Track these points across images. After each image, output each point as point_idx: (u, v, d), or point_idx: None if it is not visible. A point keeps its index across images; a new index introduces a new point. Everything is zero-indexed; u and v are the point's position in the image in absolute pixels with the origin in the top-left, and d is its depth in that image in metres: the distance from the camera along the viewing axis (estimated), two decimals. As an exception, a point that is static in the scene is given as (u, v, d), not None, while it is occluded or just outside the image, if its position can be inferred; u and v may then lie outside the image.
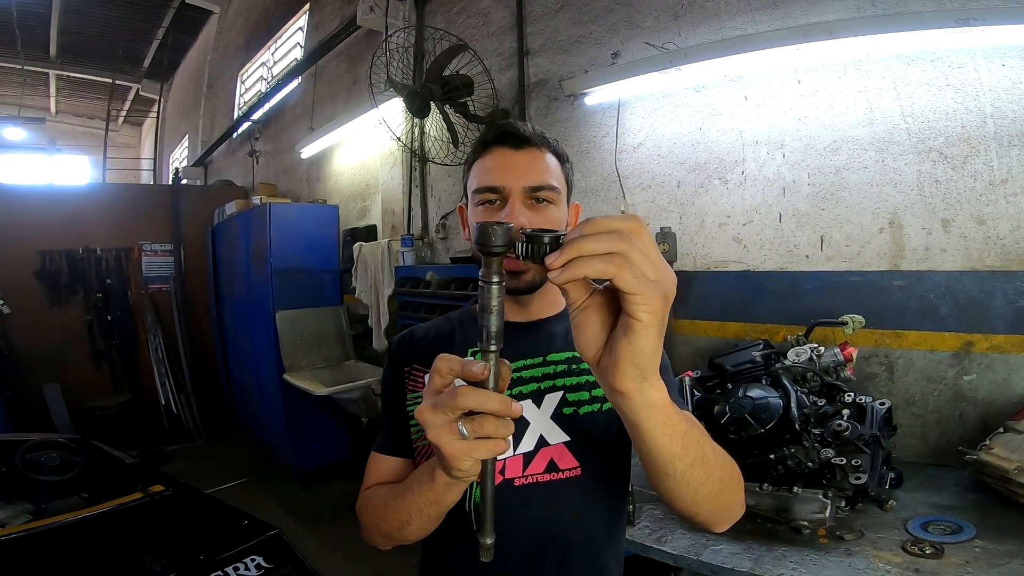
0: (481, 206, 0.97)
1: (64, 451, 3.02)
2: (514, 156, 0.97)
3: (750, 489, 1.71)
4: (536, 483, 0.94)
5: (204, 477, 4.47)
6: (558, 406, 0.97)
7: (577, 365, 1.00)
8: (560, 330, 1.05)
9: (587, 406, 0.97)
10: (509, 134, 0.98)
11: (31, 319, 5.27)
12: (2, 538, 2.21)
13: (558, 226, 0.96)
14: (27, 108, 10.16)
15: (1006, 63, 1.85)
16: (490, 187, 0.95)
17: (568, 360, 1.01)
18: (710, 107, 2.51)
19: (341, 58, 5.05)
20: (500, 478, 0.93)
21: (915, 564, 1.37)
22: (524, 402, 0.96)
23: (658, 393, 0.61)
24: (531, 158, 0.97)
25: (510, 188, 0.94)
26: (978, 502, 1.66)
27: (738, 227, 2.46)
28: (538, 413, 0.96)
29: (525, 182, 0.95)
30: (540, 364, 1.00)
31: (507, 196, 0.95)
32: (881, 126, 2.09)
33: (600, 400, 0.97)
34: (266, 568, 2.19)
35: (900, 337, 2.08)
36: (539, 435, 0.96)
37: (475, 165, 1.01)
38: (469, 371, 0.59)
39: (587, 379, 0.99)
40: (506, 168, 0.96)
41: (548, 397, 0.97)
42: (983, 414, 1.93)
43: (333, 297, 4.82)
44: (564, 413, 0.96)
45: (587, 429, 0.96)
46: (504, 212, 0.94)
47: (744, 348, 2.02)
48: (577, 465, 0.95)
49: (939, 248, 2.00)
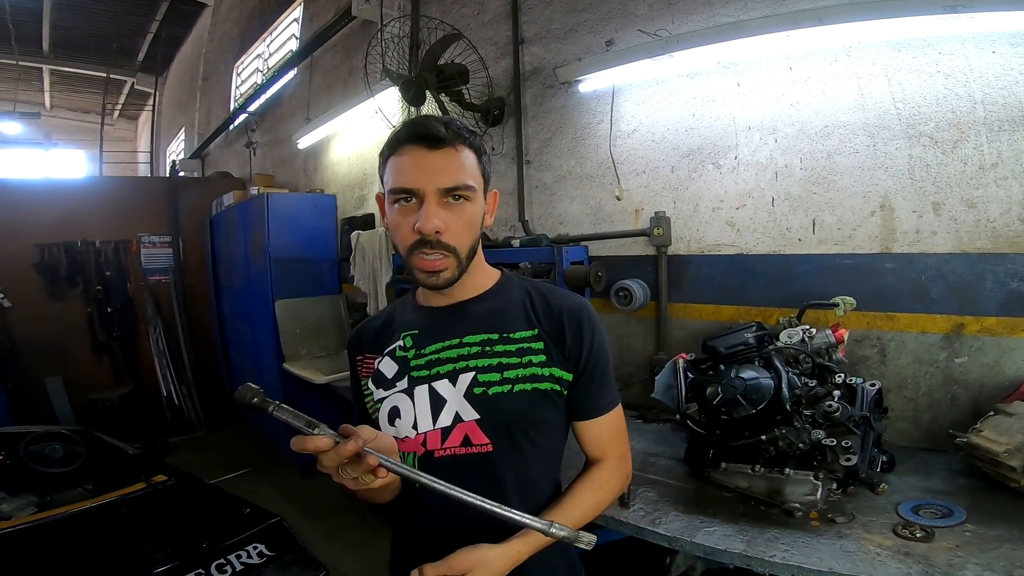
0: (396, 204, 0.99)
1: (67, 443, 3.04)
2: (428, 156, 0.96)
3: (742, 471, 1.75)
4: (454, 455, 1.01)
5: (206, 468, 4.46)
6: (469, 385, 1.02)
7: (490, 347, 1.04)
8: (479, 311, 1.09)
9: (496, 387, 1.01)
10: (425, 132, 0.96)
11: (32, 312, 5.26)
12: (8, 530, 2.23)
13: (473, 223, 1.02)
14: (21, 103, 10.11)
15: (996, 50, 1.86)
16: (404, 188, 0.96)
17: (482, 342, 1.05)
18: (703, 93, 2.52)
19: (336, 49, 5.04)
20: (423, 450, 1.03)
21: (906, 547, 1.38)
22: (441, 381, 1.03)
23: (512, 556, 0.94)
24: (446, 158, 0.97)
25: (424, 190, 0.95)
26: (969, 486, 1.67)
27: (731, 211, 2.48)
28: (453, 391, 1.02)
29: (440, 184, 0.96)
30: (456, 345, 1.05)
31: (422, 197, 0.96)
32: (872, 111, 2.10)
33: (511, 382, 1.02)
34: (268, 556, 2.21)
35: (892, 319, 2.10)
36: (455, 412, 1.02)
37: (390, 161, 1.00)
38: (314, 447, 0.77)
39: (499, 361, 1.03)
40: (420, 168, 0.96)
41: (462, 377, 1.02)
42: (974, 397, 1.95)
43: (331, 286, 4.82)
44: (475, 393, 1.01)
45: (496, 409, 1.01)
46: (420, 214, 0.95)
47: (737, 330, 2.04)
48: (488, 442, 1.01)
49: (930, 231, 2.02)
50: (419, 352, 1.07)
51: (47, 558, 2.17)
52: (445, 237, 0.97)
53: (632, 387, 2.76)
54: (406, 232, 0.98)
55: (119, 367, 5.76)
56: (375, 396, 1.09)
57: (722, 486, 1.80)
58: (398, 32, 3.52)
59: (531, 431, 1.04)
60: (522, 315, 1.09)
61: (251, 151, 6.59)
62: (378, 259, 4.00)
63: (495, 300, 1.11)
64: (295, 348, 4.42)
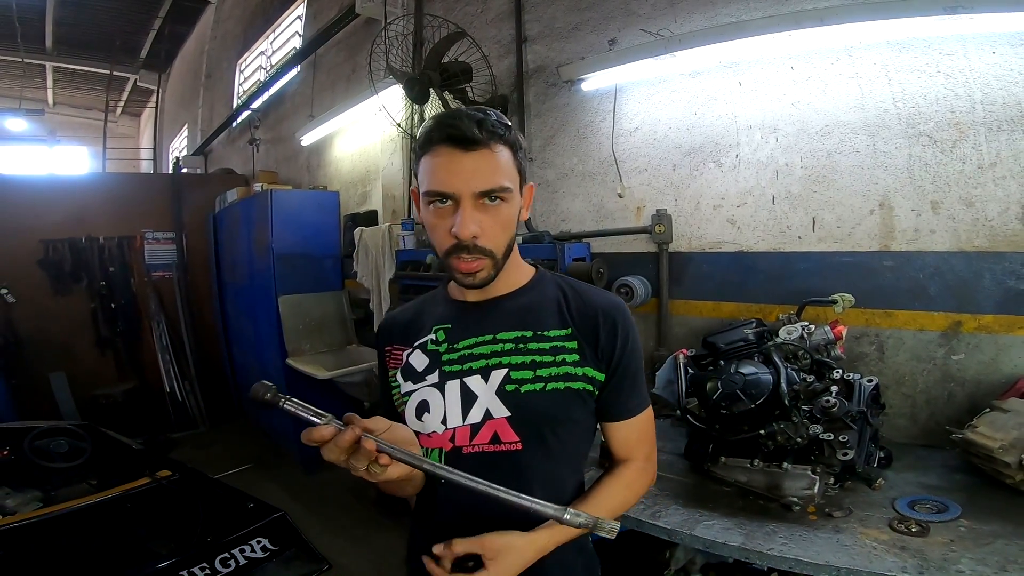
0: (431, 206, 0.97)
1: (72, 438, 3.05)
2: (462, 159, 0.93)
3: (741, 465, 1.76)
4: (482, 452, 0.99)
5: (209, 464, 4.47)
6: (502, 383, 1.00)
7: (524, 344, 1.03)
8: (513, 307, 1.08)
9: (529, 384, 1.00)
10: (459, 133, 0.92)
11: (36, 308, 5.29)
12: (14, 525, 2.25)
13: (510, 223, 1.00)
14: (25, 100, 10.14)
15: (996, 50, 1.87)
16: (439, 192, 0.94)
17: (516, 339, 1.04)
18: (705, 92, 2.54)
19: (340, 47, 5.05)
20: (451, 446, 1.01)
21: (901, 541, 1.39)
22: (473, 377, 1.02)
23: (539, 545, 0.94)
24: (480, 160, 0.94)
25: (460, 193, 0.93)
26: (965, 483, 1.68)
27: (732, 209, 2.50)
28: (485, 388, 1.01)
29: (475, 187, 0.93)
30: (490, 342, 1.04)
31: (457, 200, 0.94)
32: (872, 111, 2.12)
33: (544, 380, 1.01)
34: (272, 550, 2.24)
35: (890, 317, 2.12)
36: (486, 408, 1.00)
37: (423, 160, 0.97)
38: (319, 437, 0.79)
39: (533, 359, 1.02)
40: (454, 172, 0.93)
41: (494, 373, 1.01)
42: (971, 394, 1.97)
43: (335, 282, 4.85)
44: (507, 390, 1.00)
45: (527, 406, 1.00)
46: (456, 219, 0.93)
47: (737, 327, 2.05)
48: (517, 439, 0.99)
49: (928, 229, 2.04)
50: (452, 346, 1.06)
51: (52, 553, 2.20)
52: (482, 241, 0.95)
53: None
54: (443, 235, 0.96)
55: (122, 363, 5.78)
56: (402, 389, 1.08)
57: (721, 480, 1.81)
58: (402, 30, 3.53)
59: (560, 430, 1.03)
60: (556, 313, 1.07)
61: (254, 148, 6.60)
62: (381, 255, 4.02)
63: (529, 297, 1.10)
64: (298, 344, 4.44)
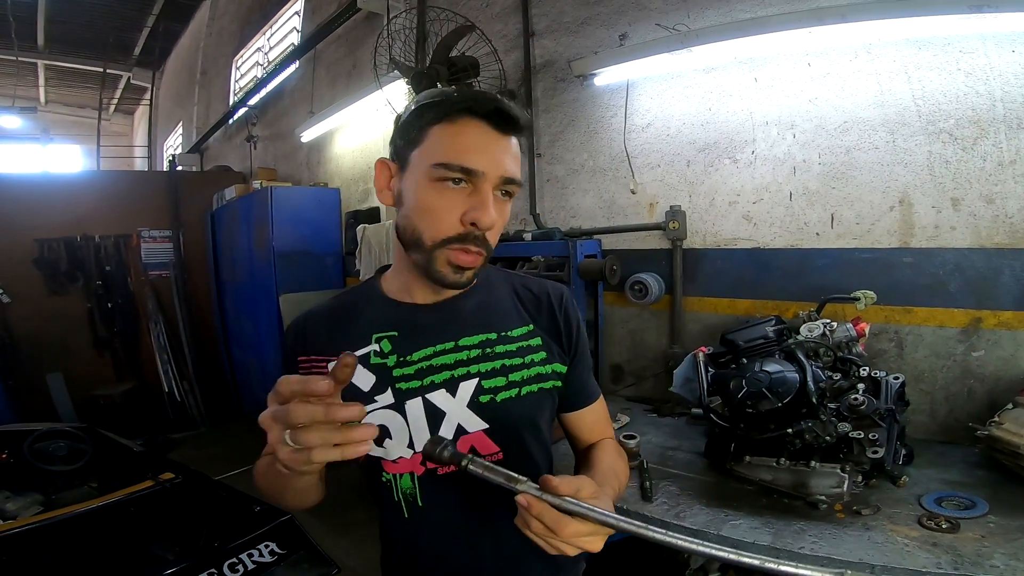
0: (441, 183, 0.83)
1: (72, 440, 3.00)
2: (497, 139, 0.84)
3: (767, 464, 1.75)
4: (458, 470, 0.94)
5: (210, 464, 4.41)
6: (474, 394, 0.92)
7: (491, 348, 0.95)
8: (471, 308, 0.98)
9: (504, 392, 0.94)
10: (502, 111, 0.83)
11: (31, 308, 5.24)
12: (15, 530, 2.19)
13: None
14: (17, 99, 10.01)
15: (1016, 49, 1.86)
16: (465, 167, 0.81)
17: (482, 344, 0.95)
18: (720, 88, 2.52)
19: (340, 42, 5.01)
20: (423, 469, 0.92)
21: (932, 538, 1.38)
22: (437, 392, 0.92)
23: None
24: (510, 146, 0.86)
25: (489, 175, 0.83)
26: (988, 479, 1.68)
27: (748, 205, 2.48)
28: (453, 402, 0.92)
29: (503, 172, 0.84)
30: (452, 350, 0.94)
31: (478, 183, 0.83)
32: (892, 108, 2.10)
33: (518, 384, 0.94)
34: (280, 554, 2.18)
35: (909, 313, 2.11)
36: (456, 424, 0.92)
37: (437, 128, 0.84)
38: (311, 389, 0.59)
39: (503, 363, 0.95)
40: (485, 150, 0.83)
41: (463, 385, 0.93)
42: (990, 390, 1.96)
43: (336, 280, 4.84)
44: (481, 401, 0.92)
45: (505, 415, 0.94)
46: (476, 204, 0.83)
47: (757, 324, 2.04)
48: (498, 450, 0.93)
49: (948, 226, 2.03)
50: (403, 359, 0.93)
51: (54, 559, 2.14)
52: (489, 235, 0.86)
53: (646, 381, 2.76)
54: (447, 219, 0.84)
55: (120, 363, 5.75)
56: None
57: (744, 479, 1.80)
58: (405, 24, 3.49)
59: (537, 431, 0.99)
60: (513, 310, 1.01)
61: (252, 145, 6.54)
62: (384, 252, 3.99)
63: (484, 295, 1.01)
64: (300, 343, 4.40)
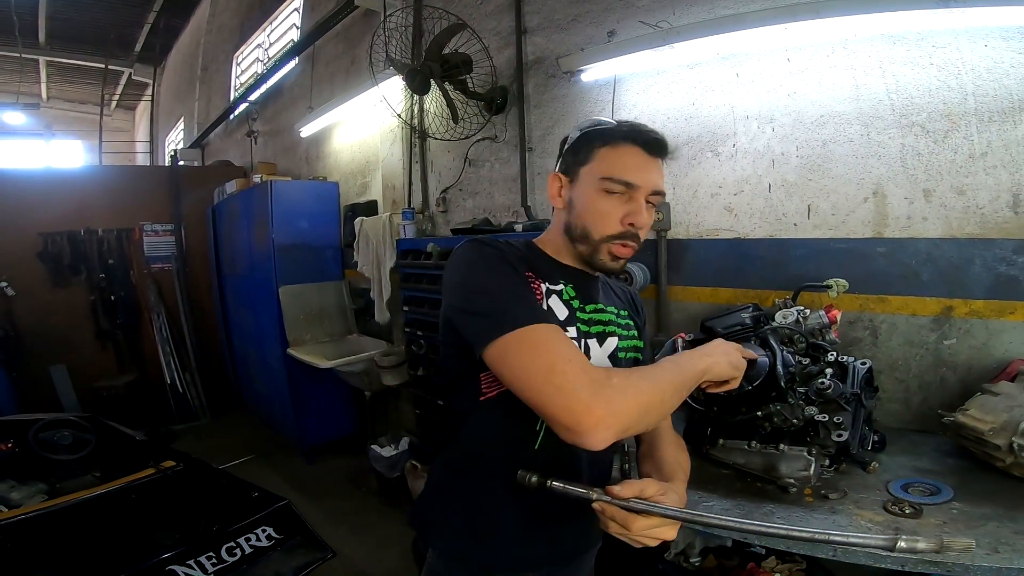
0: (609, 193, 1.09)
1: (76, 430, 3.06)
2: (649, 161, 1.10)
3: (739, 447, 1.79)
4: None
5: (211, 455, 4.48)
6: (615, 350, 1.18)
7: (622, 318, 1.25)
8: (603, 285, 1.28)
9: (622, 353, 1.20)
10: (654, 141, 1.10)
11: (35, 301, 5.30)
12: (20, 517, 2.25)
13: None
14: (20, 95, 10.07)
15: (988, 43, 1.90)
16: (629, 182, 1.08)
17: (615, 313, 1.24)
18: (703, 83, 2.57)
19: (338, 39, 5.05)
20: None
21: (895, 523, 1.41)
22: (593, 340, 1.15)
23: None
24: (659, 167, 1.12)
25: (645, 188, 1.09)
26: (957, 466, 1.70)
27: (729, 197, 2.53)
28: (599, 351, 1.16)
29: (654, 186, 1.10)
30: (603, 311, 1.20)
31: (634, 193, 1.09)
32: (867, 102, 2.15)
33: (627, 350, 1.22)
34: (276, 539, 2.25)
35: (883, 302, 2.16)
36: None
37: (603, 150, 1.11)
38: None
39: (623, 331, 1.23)
40: (643, 169, 1.09)
41: (609, 340, 1.18)
42: (963, 379, 2.00)
43: (335, 272, 4.89)
44: (618, 356, 1.19)
45: None
46: (634, 209, 1.09)
47: (734, 311, 2.07)
48: None
49: (921, 217, 2.08)
50: (583, 306, 1.16)
51: (58, 545, 2.20)
52: (640, 233, 1.12)
53: (632, 369, 2.81)
54: (612, 219, 1.10)
55: (123, 355, 5.81)
56: None
57: (720, 463, 1.85)
58: (402, 22, 3.55)
59: None
60: (613, 295, 1.30)
61: (252, 140, 6.59)
62: (382, 244, 4.04)
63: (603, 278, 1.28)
64: (299, 334, 4.47)
